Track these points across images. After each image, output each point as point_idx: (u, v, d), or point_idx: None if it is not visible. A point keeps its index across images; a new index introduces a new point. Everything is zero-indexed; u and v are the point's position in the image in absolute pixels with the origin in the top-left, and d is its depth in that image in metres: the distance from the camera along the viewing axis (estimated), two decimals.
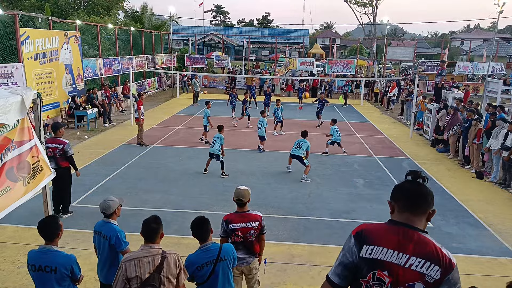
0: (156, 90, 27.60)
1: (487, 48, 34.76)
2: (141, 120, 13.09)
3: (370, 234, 2.05)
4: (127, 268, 3.41)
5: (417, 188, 2.07)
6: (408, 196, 2.05)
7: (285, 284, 5.77)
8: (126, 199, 8.11)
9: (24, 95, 4.26)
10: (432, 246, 1.96)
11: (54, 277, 3.72)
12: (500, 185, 10.43)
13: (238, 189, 4.59)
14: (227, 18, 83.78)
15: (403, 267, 1.91)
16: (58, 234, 3.84)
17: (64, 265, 3.75)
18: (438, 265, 1.91)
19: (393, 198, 2.13)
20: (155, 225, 3.56)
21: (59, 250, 3.84)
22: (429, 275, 1.89)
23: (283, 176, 10.75)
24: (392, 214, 2.10)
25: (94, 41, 20.71)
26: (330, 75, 29.40)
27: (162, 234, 3.62)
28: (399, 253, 1.93)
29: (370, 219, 8.15)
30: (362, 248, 2.01)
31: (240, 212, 4.58)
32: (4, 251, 6.50)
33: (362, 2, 36.59)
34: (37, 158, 4.60)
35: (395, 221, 2.03)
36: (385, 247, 1.94)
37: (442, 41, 45.77)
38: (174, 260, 3.53)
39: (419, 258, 1.91)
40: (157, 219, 3.61)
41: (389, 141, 15.26)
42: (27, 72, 13.59)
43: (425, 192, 2.06)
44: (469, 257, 6.80)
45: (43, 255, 3.75)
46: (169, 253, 3.54)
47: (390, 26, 43.17)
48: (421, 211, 2.02)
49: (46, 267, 3.70)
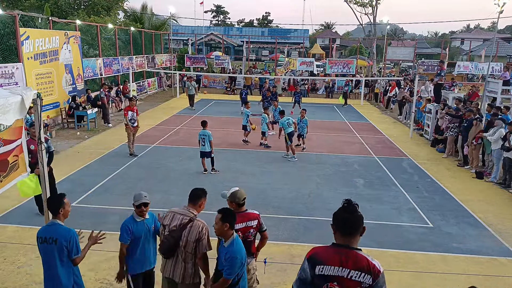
0: (156, 90, 27.60)
1: (487, 48, 34.76)
2: (129, 127, 11.71)
3: (319, 257, 2.72)
4: (165, 217, 4.26)
5: (351, 218, 2.71)
6: (344, 226, 2.72)
7: (285, 284, 5.78)
8: (126, 199, 8.11)
9: (24, 95, 4.25)
10: (365, 261, 2.64)
11: (55, 248, 3.96)
12: (500, 185, 10.43)
13: (238, 191, 4.51)
14: (227, 18, 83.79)
15: (346, 278, 2.62)
16: (59, 209, 4.11)
17: (64, 236, 3.99)
18: (369, 274, 2.61)
19: (334, 225, 2.78)
20: (200, 192, 4.29)
21: (62, 224, 4.12)
22: (364, 282, 2.60)
23: (283, 176, 10.75)
24: (335, 234, 2.77)
25: (94, 41, 20.71)
26: (330, 75, 29.41)
27: (203, 205, 4.27)
28: (343, 268, 2.63)
29: (370, 219, 8.15)
30: (316, 268, 2.69)
31: (239, 212, 4.56)
32: (4, 251, 6.49)
33: (362, 2, 36.54)
34: (17, 157, 4.64)
35: (337, 244, 2.73)
36: (332, 265, 2.65)
37: (442, 41, 45.80)
38: (198, 227, 4.05)
39: (357, 271, 2.61)
40: (204, 191, 4.34)
41: (389, 141, 15.26)
42: (27, 72, 13.59)
43: (357, 220, 2.72)
44: (469, 257, 6.81)
45: (48, 228, 4.08)
46: (198, 220, 4.11)
47: (390, 26, 43.21)
48: (355, 234, 2.72)
49: (50, 238, 3.99)
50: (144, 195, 4.43)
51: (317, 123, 17.84)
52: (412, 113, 16.70)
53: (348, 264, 2.63)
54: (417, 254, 6.86)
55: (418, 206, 8.97)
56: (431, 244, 7.23)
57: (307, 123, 13.40)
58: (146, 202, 4.41)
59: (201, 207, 4.27)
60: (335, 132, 16.33)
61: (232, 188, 4.57)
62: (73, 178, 9.96)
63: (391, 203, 9.08)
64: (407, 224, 8.02)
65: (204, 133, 10.40)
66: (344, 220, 2.72)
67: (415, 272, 6.32)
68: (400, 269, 6.39)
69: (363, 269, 2.62)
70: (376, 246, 7.05)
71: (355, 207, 2.74)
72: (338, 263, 2.65)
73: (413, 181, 10.64)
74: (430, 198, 9.47)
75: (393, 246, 7.12)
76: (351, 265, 2.63)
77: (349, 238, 2.70)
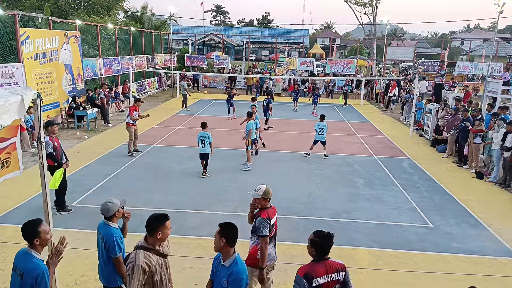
0: (156, 90, 27.59)
1: (487, 48, 34.73)
2: (132, 125, 12.19)
3: (312, 273, 3.46)
4: None
5: (326, 241, 3.58)
6: (322, 247, 3.58)
7: (285, 284, 5.78)
8: (126, 199, 8.09)
9: (24, 95, 4.25)
10: (337, 264, 3.61)
11: (19, 282, 3.46)
12: (500, 185, 10.42)
13: (267, 187, 4.71)
14: (227, 18, 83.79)
15: (331, 280, 3.54)
16: (34, 240, 3.55)
17: (31, 272, 3.44)
18: (342, 271, 3.61)
19: (315, 250, 3.58)
20: (153, 221, 3.65)
21: (36, 256, 3.55)
22: (341, 278, 3.59)
23: (283, 176, 10.75)
24: (314, 255, 3.59)
25: (94, 41, 20.70)
26: (330, 75, 29.41)
27: (162, 234, 3.64)
28: (327, 275, 3.52)
29: (370, 219, 8.16)
30: (312, 282, 3.44)
31: (266, 209, 4.74)
32: (4, 251, 6.50)
33: (362, 2, 36.56)
34: (10, 154, 4.65)
35: (319, 259, 3.57)
36: (321, 276, 3.49)
37: (442, 41, 45.78)
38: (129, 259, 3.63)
39: (335, 273, 3.56)
40: (160, 217, 3.67)
41: (389, 141, 15.26)
42: (27, 72, 13.59)
43: (331, 241, 3.60)
44: (469, 257, 6.81)
45: (21, 256, 3.59)
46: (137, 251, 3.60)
47: (390, 26, 43.11)
48: (329, 250, 3.61)
49: (18, 269, 3.52)
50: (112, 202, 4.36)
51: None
52: (412, 113, 16.70)
53: (329, 271, 3.53)
54: (417, 254, 6.86)
55: (418, 206, 8.96)
56: (431, 244, 7.22)
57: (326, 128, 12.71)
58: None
59: (160, 238, 3.64)
60: (335, 132, 16.31)
61: (260, 186, 4.74)
62: (73, 178, 9.95)
63: (391, 203, 9.08)
64: (407, 224, 8.02)
65: (204, 134, 10.31)
66: (321, 244, 3.57)
67: (415, 272, 6.32)
68: (400, 269, 6.39)
69: (338, 269, 3.58)
70: (376, 246, 7.05)
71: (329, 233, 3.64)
72: (324, 272, 3.50)
73: (413, 181, 10.64)
74: (430, 198, 9.46)
75: (393, 246, 7.12)
76: (331, 270, 3.54)
77: (326, 253, 3.60)
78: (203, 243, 6.90)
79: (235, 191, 9.51)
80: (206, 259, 6.21)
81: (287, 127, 17.20)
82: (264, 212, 4.65)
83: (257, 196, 4.67)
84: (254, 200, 4.72)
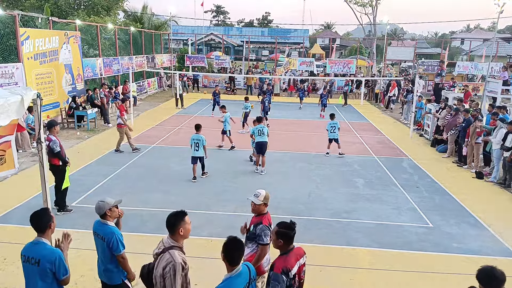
0: (156, 90, 27.60)
1: (487, 48, 34.73)
2: (123, 126, 12.28)
3: (287, 266, 3.62)
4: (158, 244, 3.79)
5: (291, 230, 3.75)
6: (289, 237, 3.73)
7: None
8: (126, 199, 8.11)
9: (24, 95, 4.26)
10: (301, 249, 3.89)
11: (37, 270, 3.67)
12: (500, 185, 10.42)
13: (266, 193, 4.67)
14: (227, 18, 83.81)
15: (300, 265, 3.77)
16: (49, 225, 3.81)
17: (48, 258, 3.66)
18: (304, 255, 3.88)
19: (279, 238, 3.72)
20: (172, 219, 3.64)
21: (47, 243, 3.79)
22: (305, 261, 3.87)
23: (283, 176, 10.75)
24: (282, 246, 3.74)
25: (94, 41, 20.71)
26: (330, 75, 29.40)
27: (183, 230, 3.62)
28: (298, 260, 3.74)
29: (370, 219, 8.16)
30: (289, 275, 3.61)
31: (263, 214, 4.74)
32: (4, 251, 6.49)
33: (362, 2, 36.53)
34: (4, 152, 4.66)
35: (287, 251, 3.74)
36: (294, 266, 3.67)
37: (442, 41, 45.79)
38: (164, 260, 3.50)
39: (301, 258, 3.82)
40: (178, 214, 3.66)
41: (389, 141, 15.26)
42: (27, 72, 13.59)
43: (295, 229, 3.78)
44: (469, 257, 6.80)
45: (32, 247, 3.76)
46: (170, 252, 3.50)
47: (390, 26, 43.10)
48: (292, 240, 3.79)
49: (32, 258, 3.68)
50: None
51: (317, 123, 17.85)
52: (412, 113, 16.70)
53: (298, 257, 3.75)
54: (417, 254, 6.86)
55: (418, 206, 8.96)
56: (431, 244, 7.22)
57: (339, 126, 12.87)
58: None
59: (182, 234, 3.64)
60: None
61: (260, 191, 4.65)
62: (73, 178, 9.93)
63: (391, 203, 9.07)
64: (407, 224, 8.02)
65: (198, 137, 10.07)
66: (290, 235, 3.72)
67: (415, 272, 6.31)
68: (400, 269, 6.39)
69: (302, 254, 3.85)
70: (376, 246, 7.05)
71: (294, 223, 3.81)
72: (295, 261, 3.70)
73: (413, 181, 10.63)
74: (430, 198, 9.46)
75: (393, 246, 7.11)
76: (299, 257, 3.78)
77: (292, 243, 3.78)
78: (203, 243, 6.90)
79: (235, 191, 9.50)
80: (206, 259, 6.21)
81: (287, 127, 17.20)
82: (264, 219, 4.57)
83: (258, 202, 4.56)
84: (254, 205, 4.61)
